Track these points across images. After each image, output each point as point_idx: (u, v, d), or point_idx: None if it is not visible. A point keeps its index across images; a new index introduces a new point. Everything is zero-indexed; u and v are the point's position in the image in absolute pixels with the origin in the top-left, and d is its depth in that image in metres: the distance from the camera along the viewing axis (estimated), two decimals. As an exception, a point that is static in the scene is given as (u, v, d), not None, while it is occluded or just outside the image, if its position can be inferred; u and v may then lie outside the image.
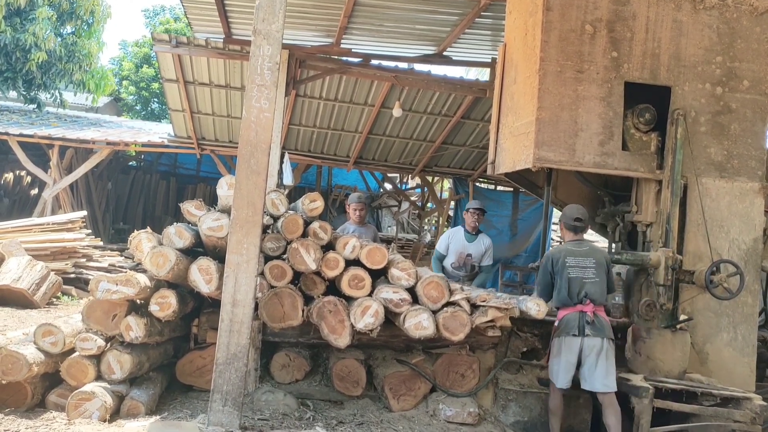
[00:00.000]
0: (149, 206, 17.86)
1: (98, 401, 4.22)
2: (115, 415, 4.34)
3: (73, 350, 4.60)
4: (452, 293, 4.96)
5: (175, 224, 4.87)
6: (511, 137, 6.01)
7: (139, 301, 4.73)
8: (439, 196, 16.80)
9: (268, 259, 5.00)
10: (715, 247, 5.43)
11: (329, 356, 5.47)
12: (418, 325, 4.77)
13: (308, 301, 4.98)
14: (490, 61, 9.97)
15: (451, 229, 8.05)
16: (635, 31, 5.53)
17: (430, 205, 18.17)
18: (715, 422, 4.72)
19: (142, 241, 4.87)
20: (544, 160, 5.39)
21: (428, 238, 18.82)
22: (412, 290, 4.96)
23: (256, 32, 4.33)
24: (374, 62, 10.35)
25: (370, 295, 4.91)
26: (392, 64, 10.57)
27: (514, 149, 5.89)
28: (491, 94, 7.11)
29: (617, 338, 5.46)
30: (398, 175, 17.59)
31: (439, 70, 10.63)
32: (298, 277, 5.04)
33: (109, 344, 4.60)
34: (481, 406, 5.26)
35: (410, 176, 16.80)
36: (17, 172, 15.99)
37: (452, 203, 14.48)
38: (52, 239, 9.76)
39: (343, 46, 9.75)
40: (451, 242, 7.14)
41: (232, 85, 11.27)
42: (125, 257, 11.06)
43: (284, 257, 4.97)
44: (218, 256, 4.67)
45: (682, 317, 5.27)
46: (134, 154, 16.85)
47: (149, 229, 5.05)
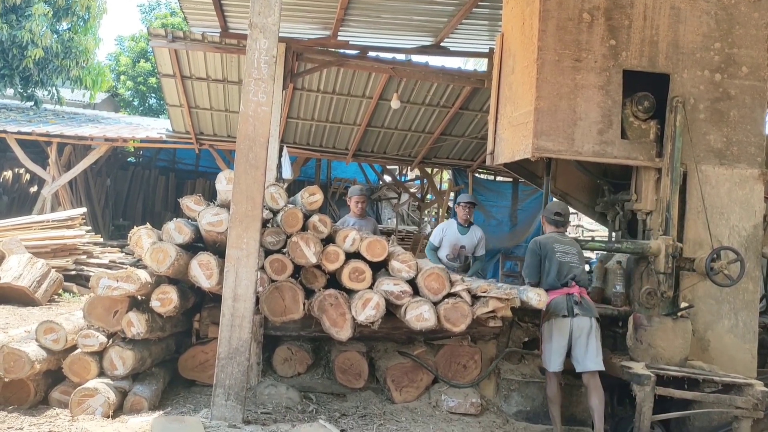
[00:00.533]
0: (149, 202, 17.85)
1: (101, 397, 4.23)
2: (118, 411, 4.36)
3: (75, 347, 4.61)
4: (453, 284, 4.96)
5: (174, 220, 4.88)
6: (509, 127, 5.99)
7: (140, 297, 4.74)
8: (438, 187, 16.79)
9: (268, 253, 5.00)
10: (715, 234, 5.42)
11: (331, 349, 5.48)
12: (419, 316, 4.77)
13: (309, 294, 4.99)
14: (487, 51, 9.94)
15: (444, 222, 8.24)
16: (633, 18, 5.50)
17: (429, 196, 18.16)
18: (716, 409, 4.73)
19: (141, 237, 4.87)
20: (543, 149, 5.37)
21: (428, 229, 18.82)
22: (412, 282, 4.96)
23: (252, 26, 4.31)
24: (371, 54, 10.32)
25: (370, 287, 4.91)
26: (390, 55, 10.52)
27: (512, 139, 5.87)
28: (489, 84, 7.08)
29: (619, 327, 5.48)
30: (397, 167, 17.56)
31: (436, 61, 10.60)
32: (298, 270, 5.04)
33: (111, 340, 4.61)
34: (483, 396, 5.28)
35: (409, 168, 16.80)
36: (16, 169, 15.97)
37: (452, 194, 14.47)
38: (52, 236, 9.76)
39: (340, 38, 9.71)
40: (444, 235, 7.34)
41: (229, 79, 11.24)
42: (126, 253, 11.06)
43: (284, 251, 4.97)
44: (218, 251, 4.67)
45: (683, 305, 5.27)
46: (133, 150, 16.82)
47: (149, 225, 5.06)
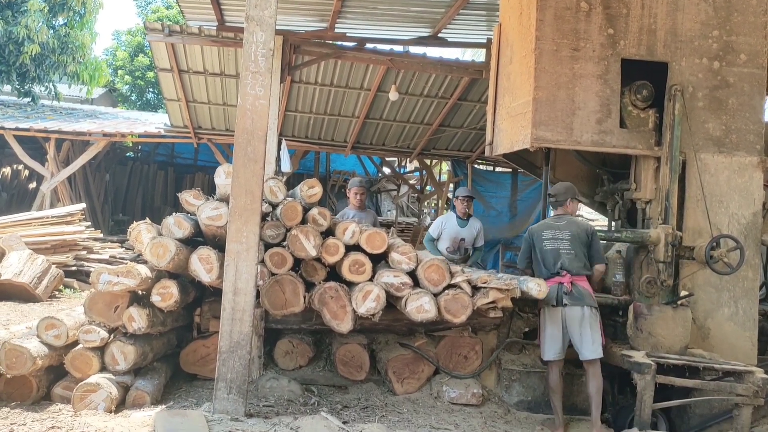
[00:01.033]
0: (148, 197, 17.84)
1: (103, 392, 4.24)
2: (120, 405, 4.37)
3: (76, 343, 4.63)
4: (453, 276, 4.97)
5: (174, 214, 4.87)
6: (508, 118, 5.98)
7: (140, 292, 4.75)
8: (437, 178, 16.77)
9: (268, 246, 5.00)
10: (714, 222, 5.42)
11: (332, 342, 5.49)
12: (419, 308, 4.78)
13: (309, 287, 4.99)
14: (485, 41, 9.90)
15: (443, 215, 8.29)
16: (631, 7, 5.48)
17: (429, 188, 18.15)
18: (717, 396, 4.75)
19: (141, 232, 4.87)
20: (541, 139, 5.37)
21: (428, 221, 18.82)
22: (412, 274, 4.97)
23: (248, 19, 4.29)
24: (369, 46, 10.28)
25: (371, 279, 4.92)
26: (387, 47, 10.47)
27: (511, 130, 5.87)
28: (487, 74, 7.05)
29: (619, 316, 5.48)
30: (396, 158, 17.55)
31: (434, 52, 10.57)
32: (298, 263, 5.04)
33: (112, 336, 4.62)
34: (484, 386, 5.30)
35: (408, 160, 16.78)
36: (14, 166, 15.94)
37: (451, 185, 14.46)
38: (52, 232, 9.76)
39: (337, 30, 9.67)
40: (444, 228, 7.37)
41: (226, 72, 11.21)
42: (126, 249, 11.06)
43: (284, 244, 4.97)
44: (218, 245, 4.67)
45: (682, 293, 5.28)
46: (131, 145, 16.79)
47: (148, 220, 5.05)
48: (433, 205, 19.65)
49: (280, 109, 10.44)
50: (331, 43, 10.11)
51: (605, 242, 6.04)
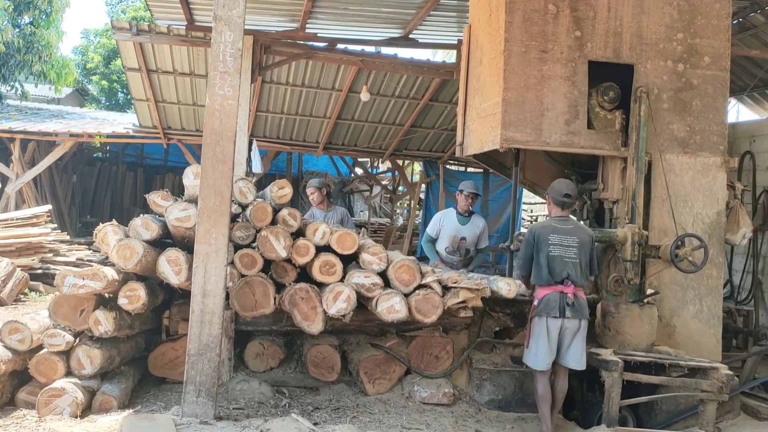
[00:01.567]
0: (117, 198, 17.58)
1: (69, 397, 4.17)
2: (87, 410, 4.30)
3: (41, 347, 4.54)
4: (423, 276, 4.99)
5: (141, 216, 4.81)
6: (478, 119, 6.03)
7: (107, 294, 4.67)
8: (410, 179, 16.80)
9: (237, 248, 4.96)
10: (679, 221, 5.53)
11: (303, 343, 5.47)
12: (390, 308, 4.79)
13: (280, 288, 4.97)
14: (456, 43, 9.96)
15: (441, 211, 7.36)
16: (597, 9, 5.56)
17: (401, 188, 18.18)
18: (683, 393, 4.84)
19: (108, 234, 4.81)
20: (511, 140, 5.41)
21: (400, 221, 18.87)
22: (383, 274, 4.97)
23: (216, 18, 4.26)
24: (340, 47, 10.26)
25: (341, 280, 4.91)
26: (359, 48, 10.46)
27: (481, 131, 5.91)
28: (458, 76, 7.09)
29: (590, 316, 5.54)
30: (369, 159, 17.54)
31: (405, 53, 10.60)
32: (268, 265, 5.02)
33: (78, 339, 4.54)
34: (455, 386, 5.32)
35: (380, 160, 16.78)
36: (-22, 167, 15.58)
37: (423, 186, 14.51)
38: (16, 235, 9.56)
39: (308, 30, 9.63)
40: (443, 225, 6.74)
41: (196, 72, 11.09)
42: (93, 251, 10.86)
43: (254, 245, 4.94)
44: (187, 246, 4.62)
45: (649, 291, 5.37)
46: (99, 145, 16.54)
47: (115, 221, 4.98)
48: (405, 205, 19.69)
49: (250, 109, 10.37)
50: (302, 43, 10.07)
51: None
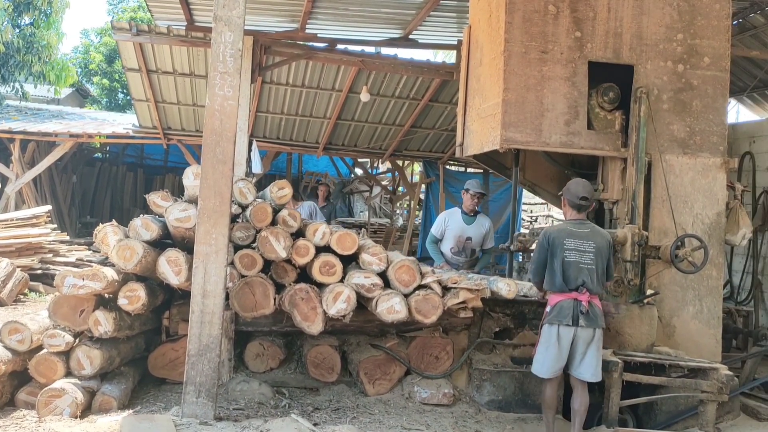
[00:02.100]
0: (116, 199, 17.57)
1: (69, 398, 4.17)
2: (86, 411, 4.30)
3: (41, 347, 4.54)
4: (423, 276, 4.98)
5: (141, 216, 4.81)
6: (478, 119, 6.03)
7: (107, 295, 4.67)
8: (410, 179, 16.80)
9: (237, 248, 4.96)
10: (679, 222, 5.53)
11: (303, 343, 5.47)
12: (390, 309, 4.79)
13: (280, 289, 4.97)
14: (456, 43, 9.96)
15: (446, 210, 7.21)
16: (597, 10, 5.56)
17: (401, 189, 18.18)
18: (683, 393, 4.84)
19: (107, 234, 4.81)
20: (511, 141, 5.42)
21: (400, 222, 18.86)
22: (383, 275, 4.97)
23: (216, 19, 4.26)
24: (340, 47, 10.25)
25: (341, 281, 4.91)
26: (359, 48, 10.46)
27: (481, 131, 5.91)
28: (458, 76, 7.09)
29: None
30: (369, 160, 17.54)
31: (405, 53, 10.61)
32: (268, 265, 5.02)
33: (77, 340, 4.54)
34: (455, 386, 5.32)
35: (380, 161, 16.79)
36: (-22, 167, 15.58)
37: (423, 186, 14.51)
38: (16, 235, 9.55)
39: (308, 31, 9.63)
40: (447, 225, 6.63)
41: (196, 73, 11.09)
42: (93, 251, 10.86)
43: (254, 246, 4.94)
44: (187, 247, 4.62)
45: (649, 292, 5.37)
46: (99, 146, 16.53)
47: (115, 221, 4.98)
48: (405, 206, 19.69)
49: (250, 110, 10.37)
50: (302, 43, 10.07)
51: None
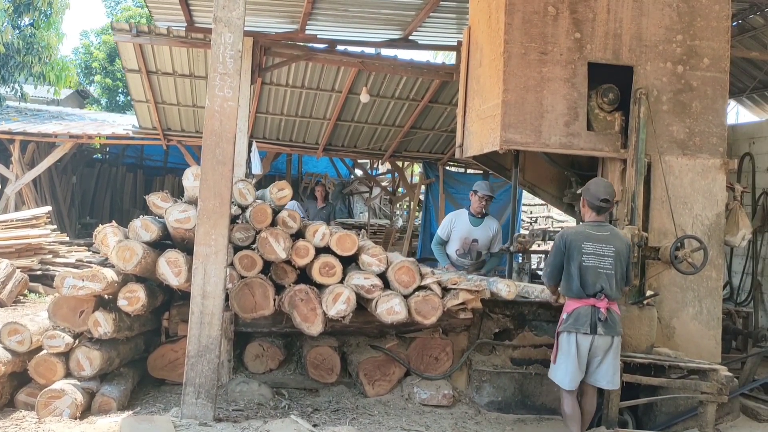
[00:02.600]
0: (116, 200, 17.58)
1: (68, 399, 4.17)
2: (86, 412, 4.30)
3: (40, 348, 4.54)
4: (423, 277, 4.98)
5: (141, 217, 4.82)
6: (478, 120, 6.03)
7: (106, 296, 4.67)
8: (409, 180, 16.81)
9: (237, 249, 4.97)
10: (679, 223, 5.53)
11: (303, 344, 5.47)
12: (390, 310, 4.79)
13: (279, 290, 4.97)
14: (456, 44, 9.96)
15: (453, 212, 7.10)
16: (597, 11, 5.56)
17: (401, 190, 18.18)
18: (682, 394, 4.83)
19: (107, 235, 4.81)
20: (511, 142, 5.42)
21: (400, 223, 18.86)
22: (383, 276, 4.97)
23: (216, 20, 4.26)
24: (340, 48, 10.25)
25: (341, 282, 4.91)
26: (358, 49, 10.45)
27: (481, 132, 5.91)
28: (458, 77, 7.09)
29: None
30: (368, 161, 17.54)
31: (405, 54, 10.63)
32: (268, 266, 5.02)
33: (77, 341, 4.54)
34: (455, 387, 5.32)
35: (380, 162, 16.79)
36: (-22, 168, 15.57)
37: (423, 187, 14.51)
38: (16, 236, 9.55)
39: (308, 32, 9.63)
40: (454, 227, 6.56)
41: (196, 74, 11.09)
42: (93, 252, 10.87)
43: (254, 247, 4.94)
44: (186, 248, 4.63)
45: (648, 293, 5.36)
46: (99, 146, 16.53)
47: (114, 222, 4.98)
48: (405, 207, 19.69)
49: (250, 110, 10.37)
50: (301, 44, 10.07)
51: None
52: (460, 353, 5.50)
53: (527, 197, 17.20)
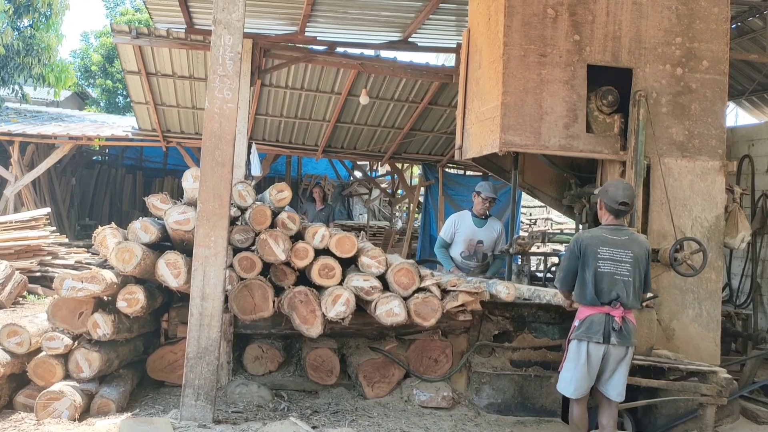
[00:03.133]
0: (116, 201, 17.58)
1: (67, 400, 4.17)
2: (85, 413, 4.29)
3: (39, 350, 4.54)
4: (423, 279, 4.98)
5: (140, 219, 4.82)
6: (477, 122, 6.03)
7: (106, 297, 4.67)
8: (409, 182, 16.82)
9: (236, 251, 4.96)
10: (678, 225, 5.53)
11: (302, 346, 5.47)
12: (389, 312, 4.78)
13: (279, 291, 4.96)
14: (455, 46, 9.97)
15: (455, 214, 6.98)
16: (596, 14, 5.57)
17: (400, 191, 18.19)
18: (682, 396, 4.83)
19: (106, 237, 4.81)
20: (510, 144, 5.42)
21: (399, 224, 18.86)
22: (382, 277, 4.97)
23: (216, 22, 4.27)
24: (340, 50, 10.27)
25: (340, 283, 4.91)
26: (358, 51, 10.48)
27: (480, 134, 5.91)
28: (457, 79, 7.10)
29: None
30: (368, 162, 17.55)
31: (405, 56, 10.66)
32: (267, 268, 5.01)
33: (76, 342, 4.53)
34: (455, 389, 5.31)
35: (380, 164, 16.80)
36: (-23, 170, 15.56)
37: (422, 189, 14.52)
38: (15, 237, 9.55)
39: (307, 34, 9.65)
40: (458, 229, 6.49)
41: (196, 75, 11.10)
42: (92, 254, 10.86)
43: (253, 249, 4.94)
44: (186, 249, 4.62)
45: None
46: (98, 148, 16.53)
47: (114, 224, 4.98)
48: (404, 208, 19.69)
49: (250, 112, 10.37)
50: (301, 46, 10.09)
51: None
52: (459, 355, 5.50)
53: (526, 199, 17.22)
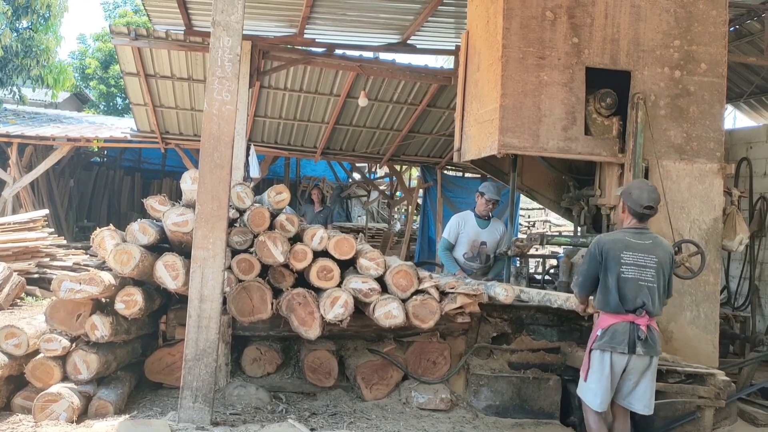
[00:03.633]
0: (114, 203, 17.57)
1: (65, 402, 4.16)
2: (83, 415, 4.29)
3: (37, 352, 4.53)
4: (421, 281, 4.99)
5: (139, 220, 4.82)
6: (476, 124, 6.03)
7: (104, 299, 4.67)
8: (407, 184, 16.82)
9: (235, 252, 4.96)
10: (676, 227, 5.53)
11: (300, 348, 5.46)
12: (388, 314, 4.79)
13: (277, 293, 4.96)
14: (454, 48, 9.98)
15: (458, 214, 6.88)
16: (595, 16, 5.58)
17: (399, 193, 18.19)
18: (680, 399, 4.83)
19: (105, 238, 4.81)
20: (508, 146, 5.42)
21: (398, 226, 18.86)
22: (381, 279, 4.97)
23: (215, 24, 4.27)
24: (338, 52, 10.28)
25: (339, 285, 4.91)
26: (357, 53, 10.48)
27: (479, 136, 5.92)
28: (456, 81, 7.10)
29: (585, 321, 5.55)
30: (366, 164, 17.55)
31: (403, 58, 10.63)
32: (266, 270, 5.02)
33: (74, 344, 4.53)
34: (453, 391, 5.31)
35: (378, 165, 16.80)
36: (-25, 171, 15.55)
37: (421, 191, 14.52)
38: (13, 239, 9.53)
39: (306, 36, 9.65)
40: (461, 230, 6.45)
41: (194, 77, 11.10)
42: (90, 255, 10.81)
43: (251, 250, 4.94)
44: (184, 251, 4.62)
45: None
46: (97, 150, 16.52)
47: (112, 226, 4.98)
48: (403, 210, 19.69)
49: (248, 114, 10.37)
50: (300, 48, 10.09)
51: (572, 247, 6.12)
52: (458, 357, 5.50)
53: (524, 201, 17.22)
